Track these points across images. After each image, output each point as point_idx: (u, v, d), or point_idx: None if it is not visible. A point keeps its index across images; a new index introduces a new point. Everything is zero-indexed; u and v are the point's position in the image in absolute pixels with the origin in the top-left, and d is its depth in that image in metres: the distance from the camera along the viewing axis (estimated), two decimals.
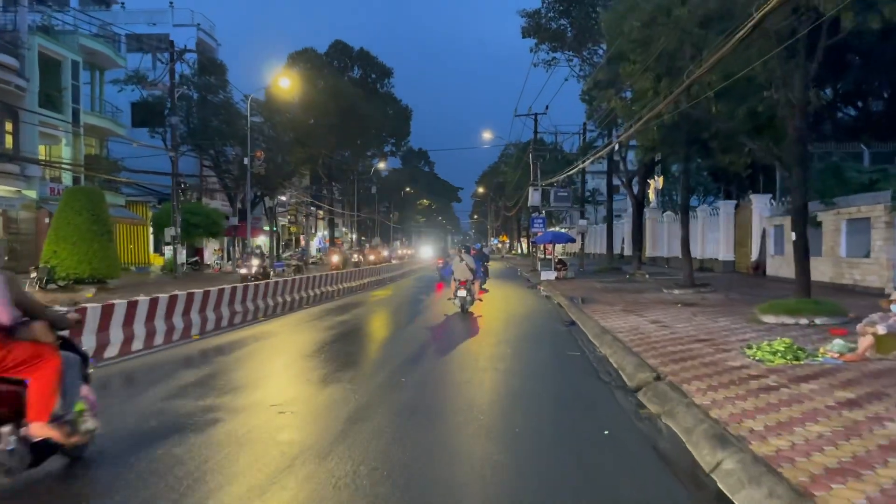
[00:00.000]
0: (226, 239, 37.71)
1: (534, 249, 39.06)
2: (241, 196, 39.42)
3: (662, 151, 18.46)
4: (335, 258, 27.97)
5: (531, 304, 18.49)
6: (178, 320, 11.97)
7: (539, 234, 32.15)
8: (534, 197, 36.71)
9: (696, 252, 34.96)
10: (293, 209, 60.13)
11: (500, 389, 7.58)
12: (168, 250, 39.28)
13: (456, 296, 15.60)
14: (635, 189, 27.80)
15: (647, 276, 26.31)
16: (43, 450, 4.33)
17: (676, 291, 18.77)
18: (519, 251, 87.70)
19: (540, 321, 14.61)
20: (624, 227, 47.30)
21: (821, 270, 20.72)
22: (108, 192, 32.51)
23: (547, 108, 36.80)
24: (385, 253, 43.46)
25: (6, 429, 4.05)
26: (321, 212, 68.19)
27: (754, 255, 27.72)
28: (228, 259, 36.75)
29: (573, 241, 31.63)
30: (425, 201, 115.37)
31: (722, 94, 15.09)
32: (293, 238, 62.48)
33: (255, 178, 36.52)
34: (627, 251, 48.15)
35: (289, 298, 17.90)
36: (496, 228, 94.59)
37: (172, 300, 11.97)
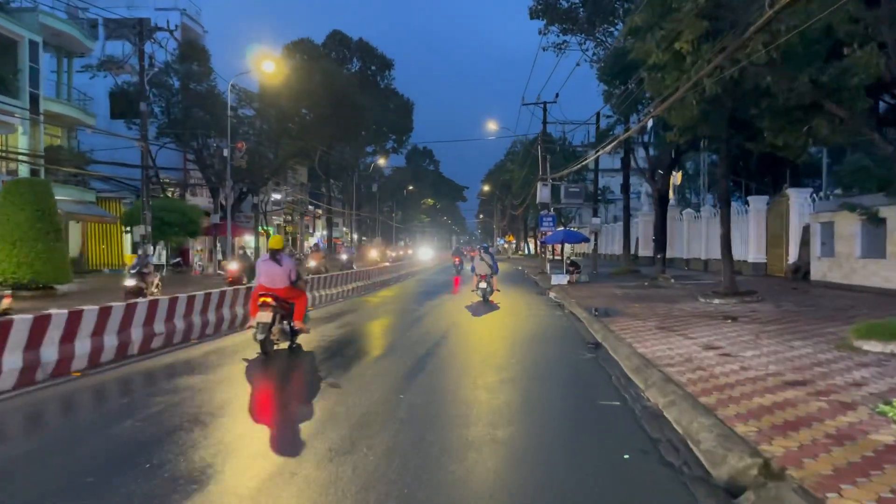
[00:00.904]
0: (212, 238, 34.76)
1: (542, 250, 35.95)
2: (227, 193, 36.53)
3: (700, 132, 15.37)
4: (311, 263, 25.04)
5: (542, 317, 15.44)
6: (110, 338, 9.26)
7: (549, 234, 29.06)
8: (542, 193, 33.63)
9: (719, 253, 31.85)
10: (289, 208, 57.22)
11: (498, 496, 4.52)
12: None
13: (478, 287, 18.98)
14: (652, 183, 24.69)
15: (672, 280, 23.24)
16: (292, 333, 10.18)
17: (717, 301, 15.69)
18: (526, 251, 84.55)
19: (555, 343, 11.55)
20: (638, 227, 44.17)
21: (883, 276, 17.61)
22: (75, 187, 29.71)
23: (557, 96, 33.79)
24: (375, 253, 40.27)
25: (285, 322, 9.96)
26: (320, 211, 65.33)
27: (792, 257, 24.59)
28: (215, 260, 33.85)
29: (587, 240, 28.55)
30: (430, 201, 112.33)
31: (781, 59, 12.07)
32: (290, 238, 59.60)
33: (239, 173, 33.62)
34: (643, 251, 45.11)
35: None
36: (502, 228, 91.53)
37: (104, 313, 9.24)
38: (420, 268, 44.58)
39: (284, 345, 10.16)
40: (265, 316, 9.39)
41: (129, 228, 30.66)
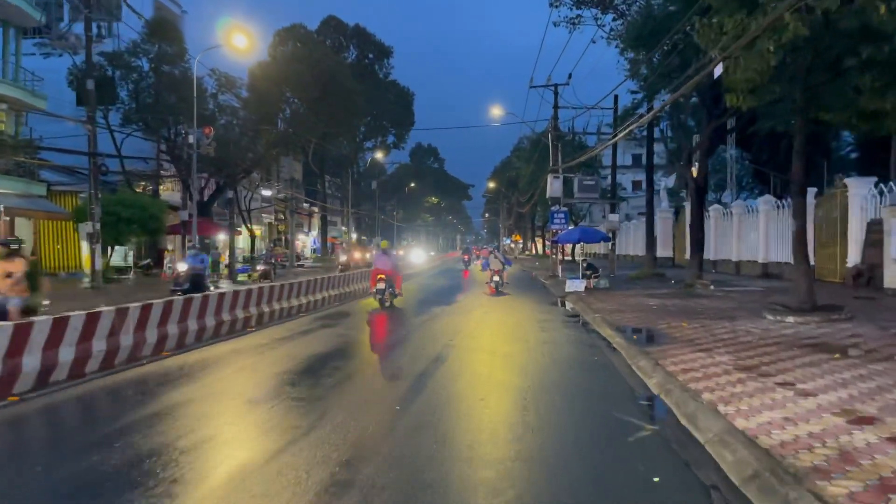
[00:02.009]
0: (182, 238, 31.08)
1: (553, 250, 32.14)
2: (202, 186, 32.83)
3: (768, 94, 11.55)
4: (259, 267, 21.61)
5: (561, 343, 11.50)
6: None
7: (561, 233, 25.23)
8: (553, 186, 29.83)
9: (755, 253, 27.99)
10: (280, 205, 53.57)
11: None
12: (115, 251, 33.03)
13: (492, 280, 22.16)
14: (686, 171, 20.76)
15: (711, 286, 19.38)
16: (392, 297, 17.21)
17: (791, 319, 11.84)
18: (534, 251, 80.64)
19: (586, 398, 7.42)
20: (657, 225, 40.19)
21: None
22: (20, 179, 26.07)
23: (570, 77, 29.90)
24: (358, 255, 36.04)
25: (389, 290, 17.06)
26: (316, 209, 61.70)
27: (852, 259, 20.70)
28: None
29: (608, 239, 24.64)
30: (433, 199, 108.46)
31: None
32: (282, 237, 55.98)
33: (213, 164, 29.96)
34: (661, 252, 41.22)
35: (213, 322, 11.48)
36: (508, 227, 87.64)
37: None
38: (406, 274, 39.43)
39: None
40: (381, 285, 17.01)
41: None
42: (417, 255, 56.93)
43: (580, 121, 60.21)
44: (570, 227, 29.37)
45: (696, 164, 19.38)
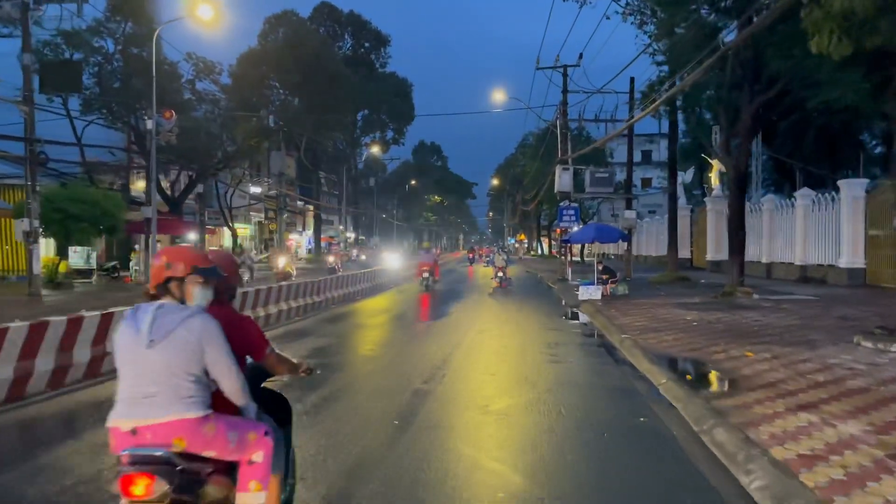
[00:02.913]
0: (145, 238, 27.89)
1: (562, 251, 28.87)
2: (173, 180, 29.73)
3: (870, 35, 8.32)
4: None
5: (584, 389, 7.86)
6: None
7: (573, 231, 21.96)
8: (562, 179, 26.59)
9: (790, 255, 24.68)
10: (270, 203, 50.45)
11: None
12: (74, 253, 29.93)
13: (496, 276, 24.73)
14: (725, 157, 17.41)
15: (754, 294, 16.12)
16: (433, 282, 23.21)
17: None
18: (539, 251, 77.36)
19: None
20: (665, 225, 36.84)
21: None
22: None
23: (580, 57, 26.63)
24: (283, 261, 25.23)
25: (431, 278, 22.97)
26: (311, 207, 58.56)
27: None
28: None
29: (627, 238, 21.24)
30: (435, 198, 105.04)
31: None
32: (273, 237, 52.85)
33: (184, 156, 26.87)
34: (679, 253, 38.00)
35: None
36: (513, 226, 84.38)
37: None
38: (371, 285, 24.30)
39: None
40: (426, 273, 22.70)
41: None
42: (393, 260, 36.49)
43: (591, 108, 56.85)
44: (580, 225, 26.18)
45: (736, 149, 16.05)
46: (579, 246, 40.27)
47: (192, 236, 26.91)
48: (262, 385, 3.28)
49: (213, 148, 26.44)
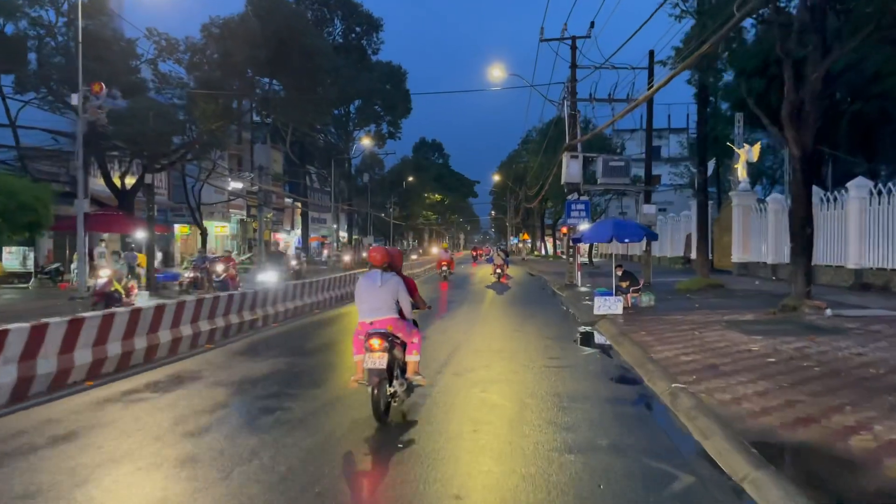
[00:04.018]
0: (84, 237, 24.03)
1: (570, 252, 24.95)
2: (123, 171, 25.94)
3: None
4: (188, 274, 14.98)
5: None
6: None
7: (584, 229, 18.02)
8: (571, 168, 22.79)
9: (841, 257, 20.72)
10: (254, 199, 46.56)
11: None
12: (9, 254, 26.25)
13: (496, 272, 27.68)
14: (791, 131, 13.42)
15: (827, 310, 12.26)
16: (449, 273, 29.70)
17: None
18: (543, 252, 73.46)
19: None
20: (691, 219, 32.90)
21: None
22: None
23: (592, 26, 22.76)
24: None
25: (447, 270, 29.25)
26: (303, 204, 54.76)
27: None
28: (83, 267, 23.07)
29: (655, 237, 16.93)
30: (435, 196, 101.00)
31: None
32: (259, 237, 48.94)
33: (133, 142, 23.10)
34: (697, 254, 34.17)
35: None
36: (515, 225, 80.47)
37: None
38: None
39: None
40: (444, 266, 29.07)
41: None
42: (269, 276, 23.59)
43: (604, 88, 52.80)
44: (590, 222, 22.35)
45: (806, 121, 12.15)
46: (586, 246, 36.36)
47: (140, 235, 23.07)
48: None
49: (168, 133, 22.64)
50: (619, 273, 15.91)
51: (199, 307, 11.02)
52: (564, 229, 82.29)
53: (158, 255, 24.45)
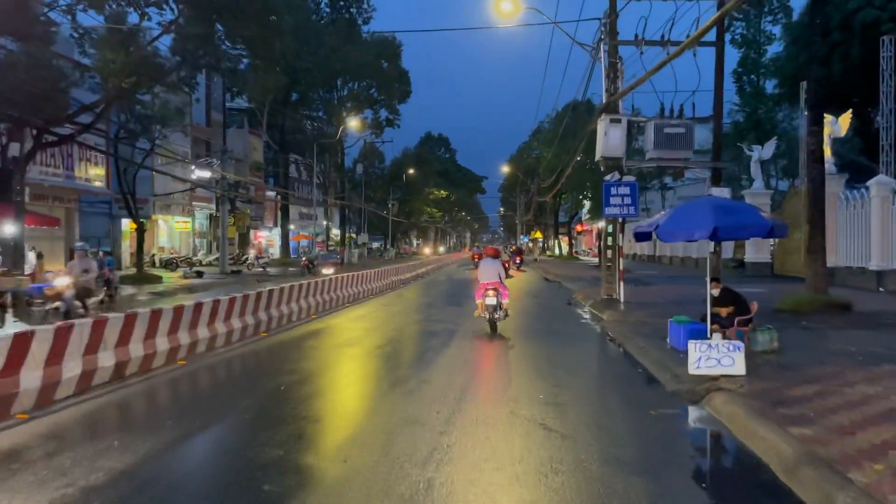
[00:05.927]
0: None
1: (608, 254, 18.05)
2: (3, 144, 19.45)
3: None
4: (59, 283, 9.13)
5: None
6: None
7: (656, 218, 10.86)
8: (611, 137, 16.15)
9: None
10: (232, 193, 40.10)
11: None
12: None
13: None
14: None
15: None
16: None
17: None
18: (557, 251, 66.66)
19: None
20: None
21: None
22: None
23: None
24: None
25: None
26: (279, 198, 48.25)
27: None
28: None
29: (784, 231, 10.22)
30: (441, 192, 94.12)
31: None
32: (223, 234, 42.45)
33: (8, 102, 16.58)
34: (752, 255, 27.47)
35: None
36: (526, 222, 73.61)
37: None
38: None
39: None
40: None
41: None
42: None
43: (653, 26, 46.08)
44: (634, 211, 15.69)
45: None
46: (595, 243, 29.77)
47: (8, 229, 16.51)
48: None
49: (48, 88, 16.17)
50: (716, 292, 9.29)
51: None
52: (580, 227, 74.29)
53: (31, 256, 17.88)
